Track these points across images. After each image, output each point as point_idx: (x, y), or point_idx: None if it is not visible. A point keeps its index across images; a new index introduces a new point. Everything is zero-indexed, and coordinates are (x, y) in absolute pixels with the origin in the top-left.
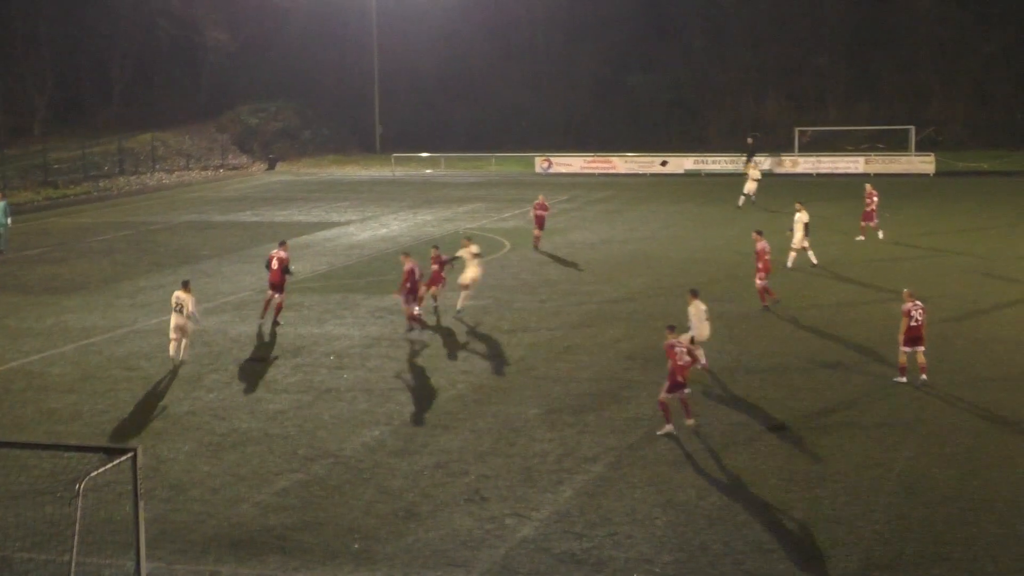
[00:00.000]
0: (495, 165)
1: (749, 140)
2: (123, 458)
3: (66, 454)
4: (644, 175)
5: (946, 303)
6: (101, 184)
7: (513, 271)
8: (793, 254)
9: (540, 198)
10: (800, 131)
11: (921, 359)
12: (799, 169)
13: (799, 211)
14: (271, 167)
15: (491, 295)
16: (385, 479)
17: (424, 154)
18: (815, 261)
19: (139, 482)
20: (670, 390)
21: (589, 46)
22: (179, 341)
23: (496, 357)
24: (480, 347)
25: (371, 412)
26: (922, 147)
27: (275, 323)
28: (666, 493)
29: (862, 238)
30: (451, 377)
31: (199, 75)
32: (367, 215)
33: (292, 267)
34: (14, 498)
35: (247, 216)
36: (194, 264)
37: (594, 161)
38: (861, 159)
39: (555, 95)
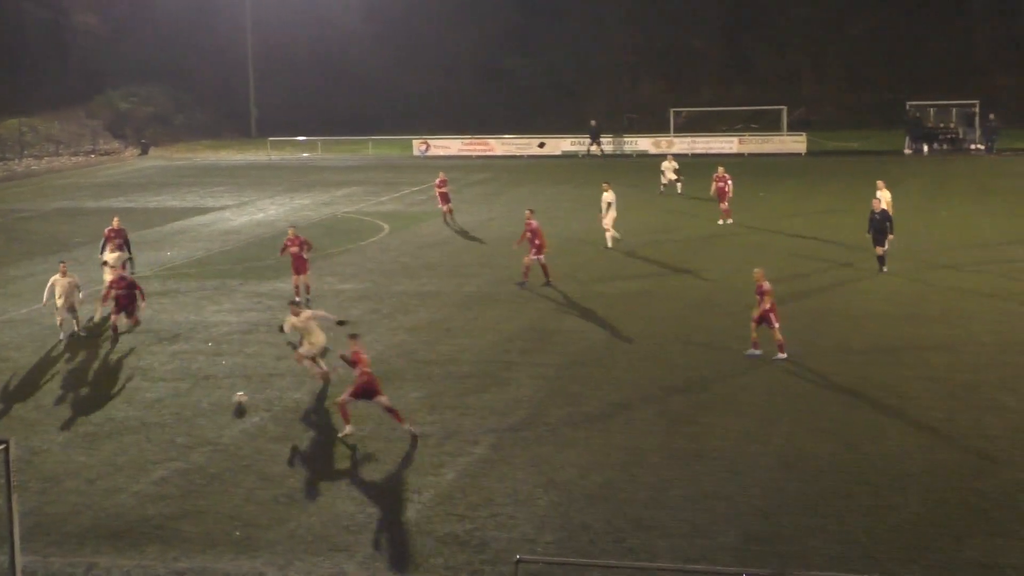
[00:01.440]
0: (372, 148)
1: (592, 122)
2: None
3: None
4: (522, 157)
5: (814, 280)
6: None
7: (393, 254)
8: (608, 233)
9: (441, 175)
10: (675, 112)
11: (778, 336)
12: (675, 150)
13: (605, 191)
14: (144, 152)
15: (370, 279)
16: (266, 466)
17: (301, 138)
18: (609, 244)
19: (12, 474)
20: (354, 394)
21: (467, 29)
22: (68, 317)
23: (376, 341)
24: (359, 331)
25: (251, 398)
26: (794, 127)
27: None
28: (547, 473)
29: (728, 221)
30: (330, 362)
31: (68, 59)
32: (243, 200)
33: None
34: None
35: (120, 202)
36: (66, 252)
37: (472, 143)
38: (735, 139)
39: (434, 78)
